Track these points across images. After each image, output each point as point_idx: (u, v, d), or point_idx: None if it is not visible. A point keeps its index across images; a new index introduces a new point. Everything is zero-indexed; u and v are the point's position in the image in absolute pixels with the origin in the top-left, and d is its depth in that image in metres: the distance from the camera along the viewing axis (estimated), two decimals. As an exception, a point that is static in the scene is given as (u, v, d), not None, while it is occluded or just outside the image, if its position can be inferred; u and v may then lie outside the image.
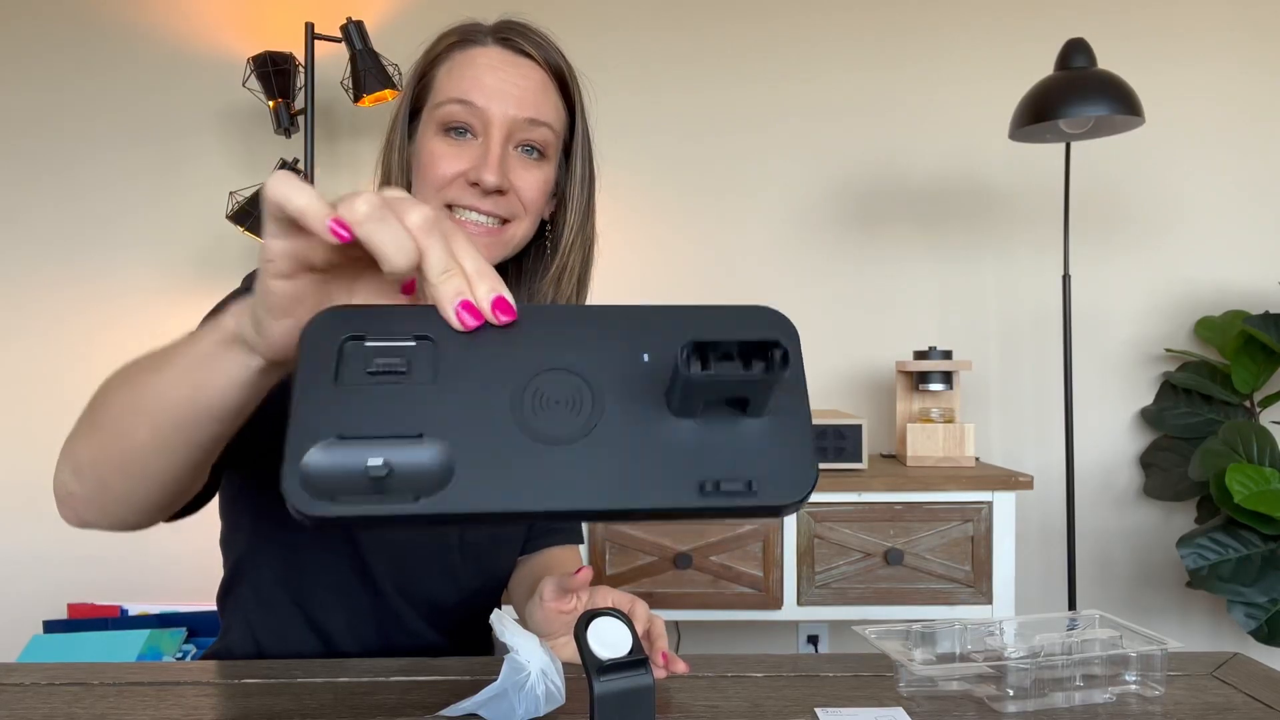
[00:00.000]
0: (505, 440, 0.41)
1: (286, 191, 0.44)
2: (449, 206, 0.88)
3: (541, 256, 0.97)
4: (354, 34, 2.12)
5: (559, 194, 0.96)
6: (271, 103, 2.13)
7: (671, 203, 2.38)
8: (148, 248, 2.37)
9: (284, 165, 2.12)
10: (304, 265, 0.47)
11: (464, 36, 0.90)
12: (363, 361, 0.43)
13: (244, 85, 2.18)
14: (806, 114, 2.38)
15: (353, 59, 2.11)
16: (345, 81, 2.15)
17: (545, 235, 0.98)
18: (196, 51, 2.37)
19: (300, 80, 2.15)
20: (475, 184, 0.86)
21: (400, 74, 2.14)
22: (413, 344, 0.43)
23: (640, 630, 0.84)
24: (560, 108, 0.92)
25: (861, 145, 2.38)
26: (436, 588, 0.99)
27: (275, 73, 2.12)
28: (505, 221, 0.89)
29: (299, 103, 2.16)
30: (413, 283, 0.49)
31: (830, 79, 2.38)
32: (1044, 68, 2.08)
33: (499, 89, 0.87)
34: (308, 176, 2.15)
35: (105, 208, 2.37)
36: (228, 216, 2.12)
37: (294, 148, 2.23)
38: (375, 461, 0.39)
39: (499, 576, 1.06)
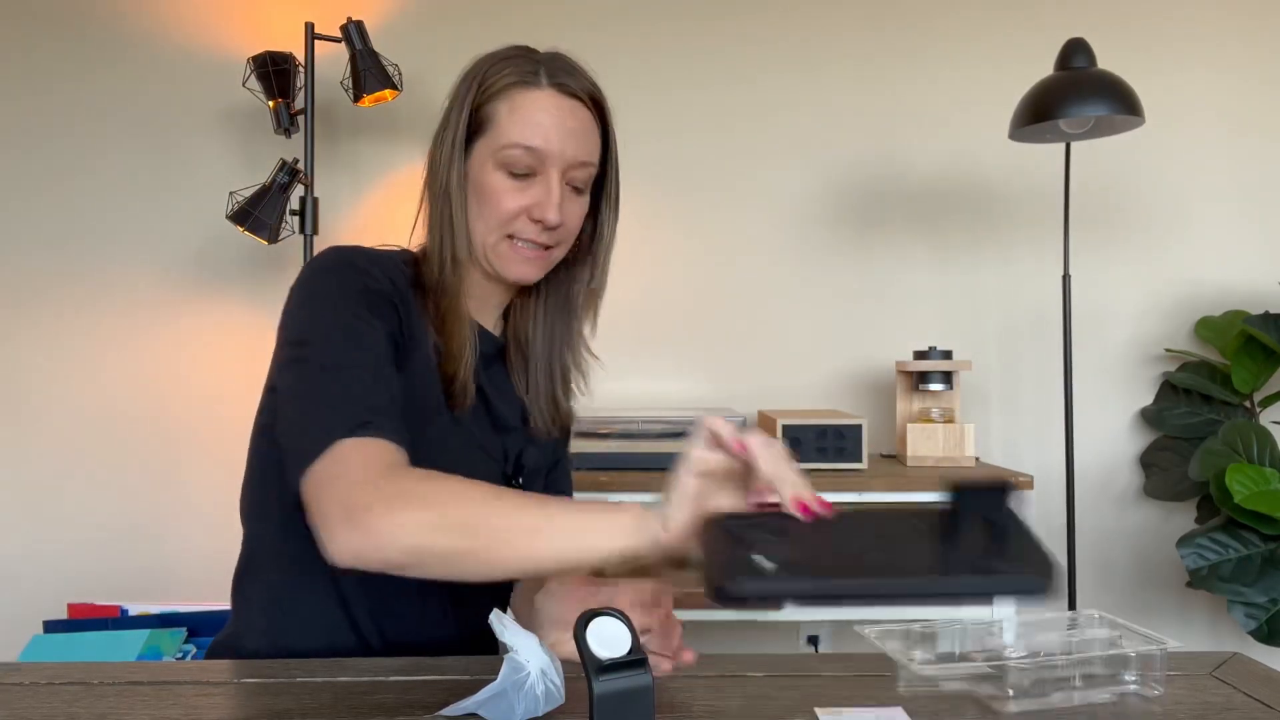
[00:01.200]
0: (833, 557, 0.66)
1: (719, 424, 0.72)
2: (509, 236, 0.99)
3: (576, 262, 1.07)
4: (354, 34, 2.12)
5: (593, 208, 1.05)
6: (271, 103, 2.13)
7: (670, 202, 2.38)
8: (148, 247, 2.37)
9: (284, 165, 2.12)
10: (706, 470, 0.72)
11: (522, 78, 0.98)
12: (748, 530, 0.67)
13: (244, 85, 2.18)
14: (806, 113, 2.38)
15: (353, 59, 2.11)
16: (345, 81, 2.15)
17: (576, 242, 1.06)
18: (196, 51, 2.37)
19: (300, 80, 2.15)
20: (538, 220, 0.97)
21: (400, 74, 2.14)
22: (777, 523, 0.68)
23: (662, 614, 0.86)
24: (599, 141, 1.02)
25: (861, 145, 2.38)
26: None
27: (275, 73, 2.11)
28: (549, 247, 1.01)
29: (299, 103, 2.16)
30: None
31: (830, 78, 2.38)
32: (1044, 68, 2.08)
33: (556, 132, 0.97)
34: (307, 176, 2.16)
35: (105, 207, 2.37)
36: (228, 216, 2.12)
37: (294, 148, 2.23)
38: (770, 567, 0.62)
39: None
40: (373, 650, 0.98)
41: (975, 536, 0.65)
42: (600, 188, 1.05)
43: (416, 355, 0.95)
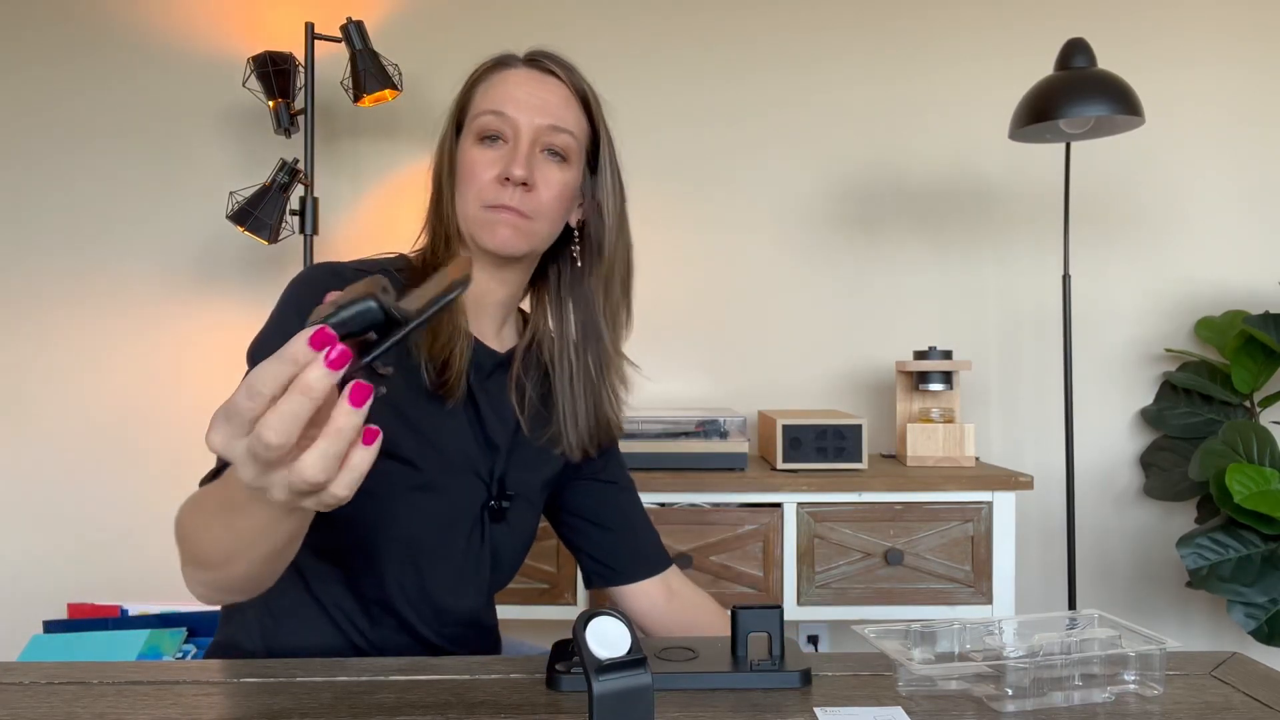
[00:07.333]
0: None
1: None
2: (487, 207, 0.97)
3: (584, 259, 1.06)
4: (354, 34, 2.12)
5: (592, 201, 1.05)
6: (271, 103, 2.13)
7: (670, 202, 2.38)
8: (148, 247, 2.37)
9: (284, 165, 2.12)
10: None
11: (498, 62, 1.02)
12: None
13: (244, 85, 2.19)
14: (806, 113, 2.38)
15: (353, 59, 2.11)
16: (345, 81, 2.15)
17: (575, 241, 1.06)
18: (196, 51, 2.37)
19: (300, 80, 2.15)
20: (506, 179, 0.96)
21: (400, 74, 2.14)
22: None
23: None
24: (582, 120, 1.03)
25: (861, 145, 2.38)
26: (443, 599, 1.01)
27: (275, 73, 2.12)
28: (526, 215, 0.98)
29: (299, 103, 2.16)
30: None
31: (830, 78, 2.38)
32: (1044, 68, 2.08)
33: (526, 100, 0.98)
34: (307, 176, 2.16)
35: (105, 207, 2.37)
36: (228, 216, 2.12)
37: (294, 148, 2.23)
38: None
39: (494, 593, 1.10)
40: (362, 652, 0.98)
41: None
42: (595, 177, 1.05)
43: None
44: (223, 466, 0.83)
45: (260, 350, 0.92)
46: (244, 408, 0.51)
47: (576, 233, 1.06)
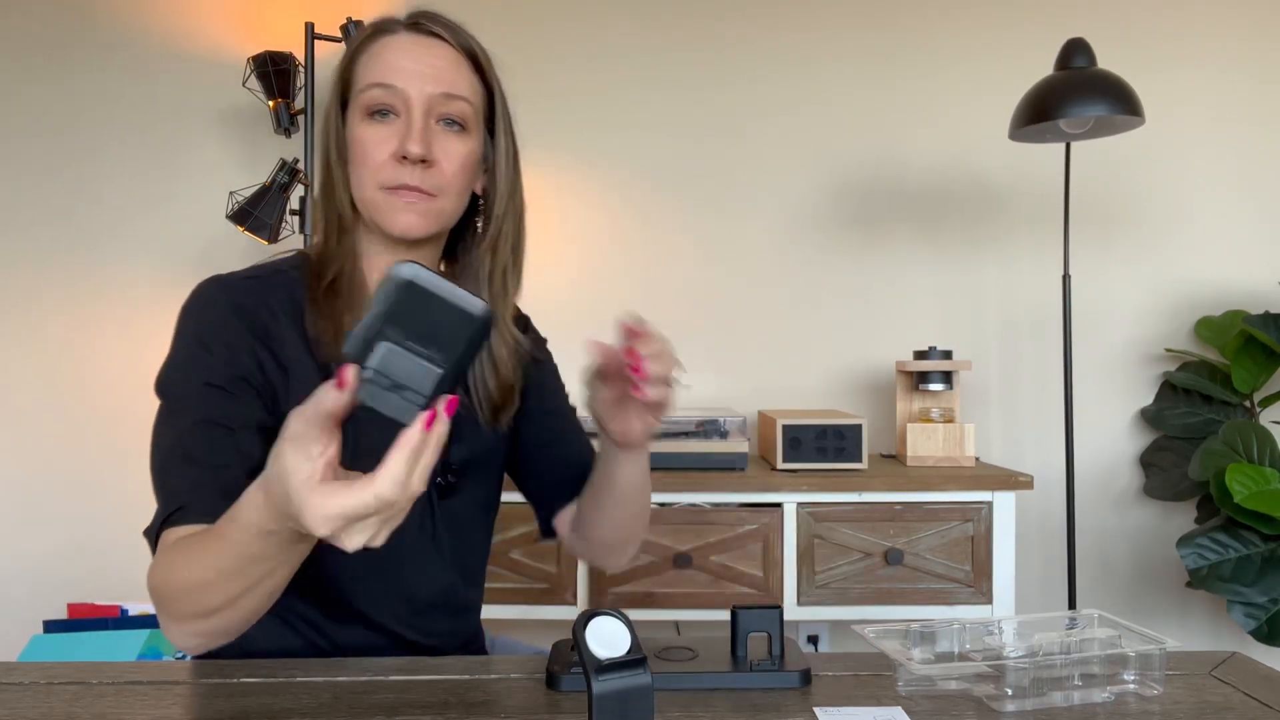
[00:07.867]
0: None
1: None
2: (387, 189, 0.92)
3: (483, 226, 1.02)
4: (354, 34, 2.12)
5: (488, 168, 1.00)
6: (271, 103, 2.13)
7: (669, 202, 2.38)
8: (148, 247, 2.37)
9: (284, 165, 2.12)
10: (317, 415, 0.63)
11: (378, 29, 0.96)
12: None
13: (244, 85, 2.19)
14: (807, 113, 2.38)
15: (353, 59, 2.11)
16: (345, 81, 2.15)
17: (480, 209, 1.02)
18: (196, 51, 2.37)
19: (300, 80, 2.16)
20: (403, 158, 0.91)
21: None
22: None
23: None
24: (475, 83, 0.96)
25: (861, 145, 2.38)
26: (411, 582, 0.99)
27: (275, 73, 2.12)
28: (429, 194, 0.94)
29: (299, 102, 2.16)
30: None
31: (830, 78, 2.38)
32: (1044, 68, 2.08)
33: (414, 69, 0.92)
34: (307, 176, 2.16)
35: (105, 207, 2.37)
36: (228, 216, 2.12)
37: (294, 148, 2.23)
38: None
39: (472, 567, 1.06)
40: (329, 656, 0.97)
41: None
42: (491, 142, 0.99)
43: (299, 368, 0.93)
44: (168, 516, 0.86)
45: (171, 384, 0.91)
46: (384, 508, 0.57)
47: (482, 201, 1.01)
